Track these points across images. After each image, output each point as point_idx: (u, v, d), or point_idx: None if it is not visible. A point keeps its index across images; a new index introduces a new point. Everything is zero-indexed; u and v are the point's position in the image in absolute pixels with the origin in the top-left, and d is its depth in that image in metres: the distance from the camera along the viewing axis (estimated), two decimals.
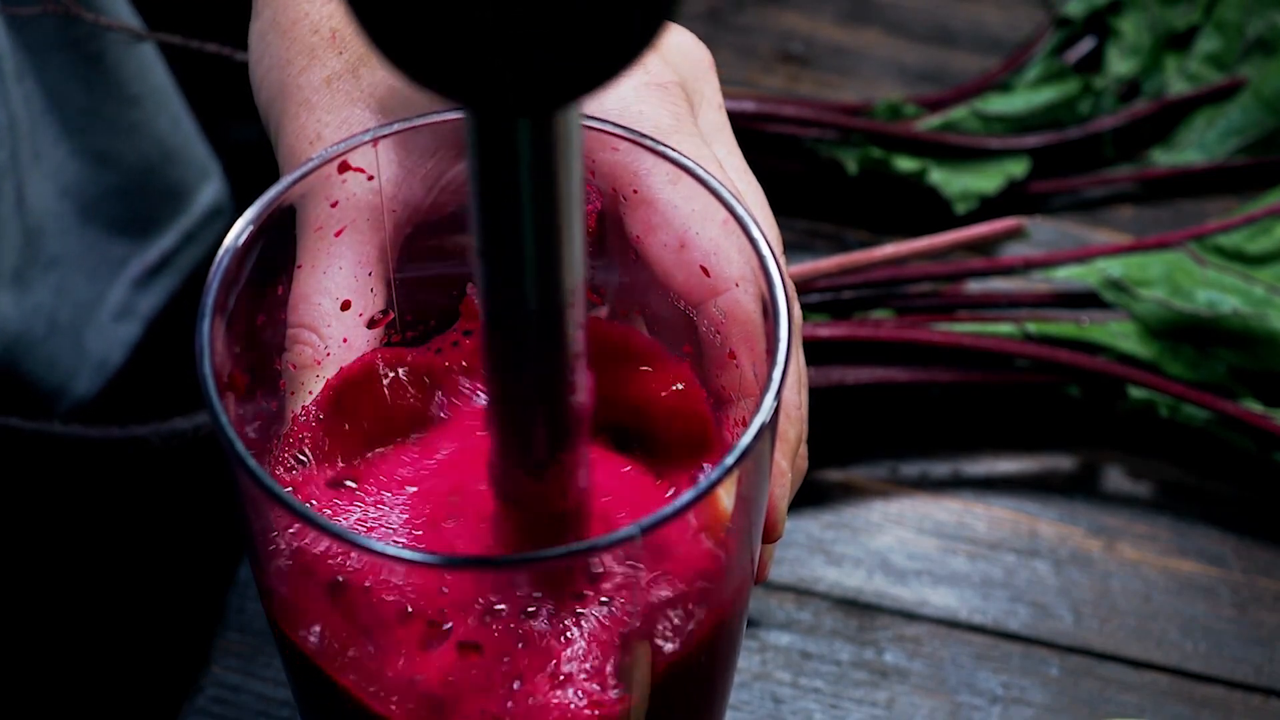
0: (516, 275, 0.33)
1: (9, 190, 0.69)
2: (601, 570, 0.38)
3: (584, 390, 0.36)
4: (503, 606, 0.38)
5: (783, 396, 0.44)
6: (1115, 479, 0.73)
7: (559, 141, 0.31)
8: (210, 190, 0.83)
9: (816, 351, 0.71)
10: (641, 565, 0.37)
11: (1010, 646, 0.67)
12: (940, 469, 0.73)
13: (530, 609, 0.38)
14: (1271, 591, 0.69)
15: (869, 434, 0.73)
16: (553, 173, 0.31)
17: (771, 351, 0.39)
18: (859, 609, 0.68)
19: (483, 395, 0.44)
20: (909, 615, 0.68)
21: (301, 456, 0.43)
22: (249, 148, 0.75)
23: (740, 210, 0.41)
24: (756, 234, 0.41)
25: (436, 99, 0.29)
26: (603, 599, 0.38)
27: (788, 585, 0.68)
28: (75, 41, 0.73)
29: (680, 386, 0.44)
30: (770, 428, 0.38)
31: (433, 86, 0.28)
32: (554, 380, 0.35)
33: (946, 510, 0.71)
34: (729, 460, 0.36)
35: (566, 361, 0.35)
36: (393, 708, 0.39)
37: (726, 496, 0.38)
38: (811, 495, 0.71)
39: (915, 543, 0.70)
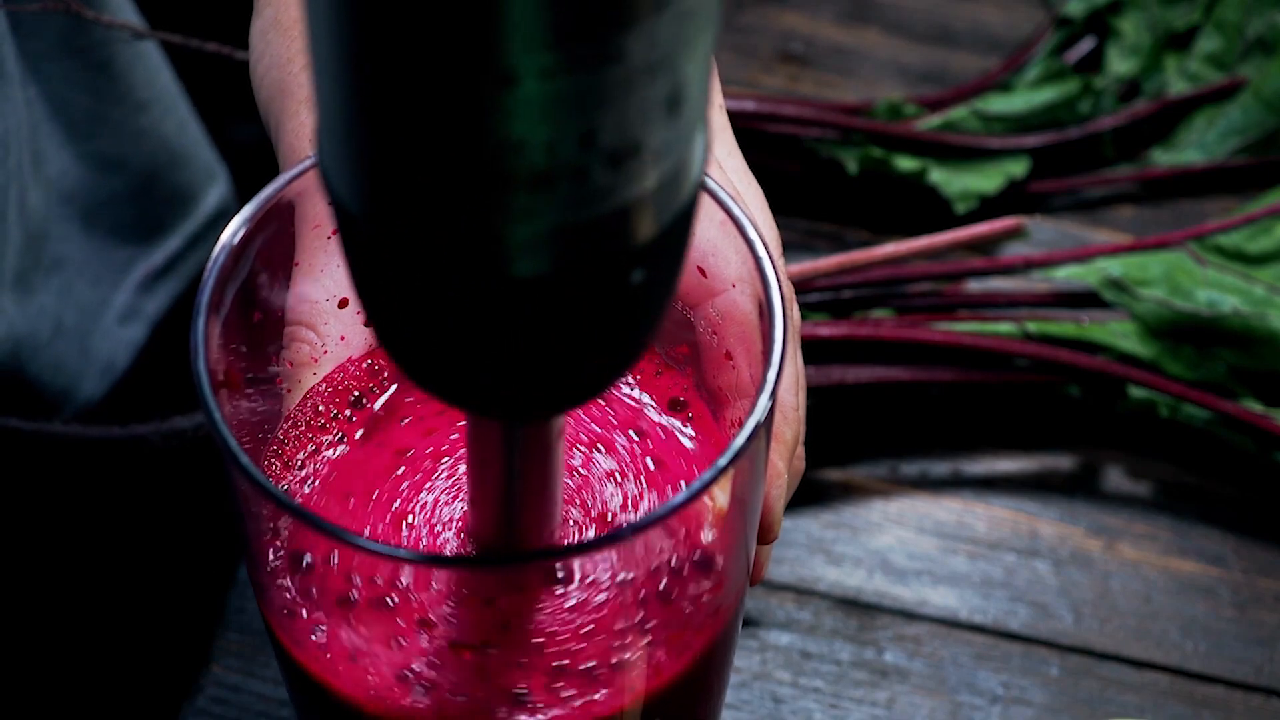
0: (504, 523, 0.37)
1: (12, 195, 0.69)
2: (594, 569, 0.38)
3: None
4: (495, 606, 0.38)
5: (779, 397, 0.44)
6: (1115, 479, 0.73)
7: (547, 435, 0.35)
8: (216, 193, 0.83)
9: (816, 351, 0.71)
10: (634, 564, 0.37)
11: (1010, 646, 0.67)
12: (940, 469, 0.73)
13: (523, 608, 0.38)
14: (1271, 591, 0.69)
15: (869, 434, 0.73)
16: (541, 454, 0.36)
17: (767, 352, 0.39)
18: (859, 609, 0.68)
19: None
20: (909, 615, 0.68)
21: (298, 453, 0.43)
22: (251, 147, 0.75)
23: (737, 211, 0.41)
24: (753, 235, 0.41)
25: (447, 404, 0.33)
26: (595, 598, 0.38)
27: (788, 585, 0.68)
28: (82, 48, 0.73)
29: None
30: (765, 428, 0.38)
31: (444, 399, 0.32)
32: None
33: (946, 510, 0.71)
34: (723, 460, 0.36)
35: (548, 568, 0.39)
36: (386, 707, 0.38)
37: (721, 496, 0.38)
38: (811, 495, 0.71)
39: (915, 542, 0.70)
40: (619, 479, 0.42)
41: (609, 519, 0.41)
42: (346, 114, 0.27)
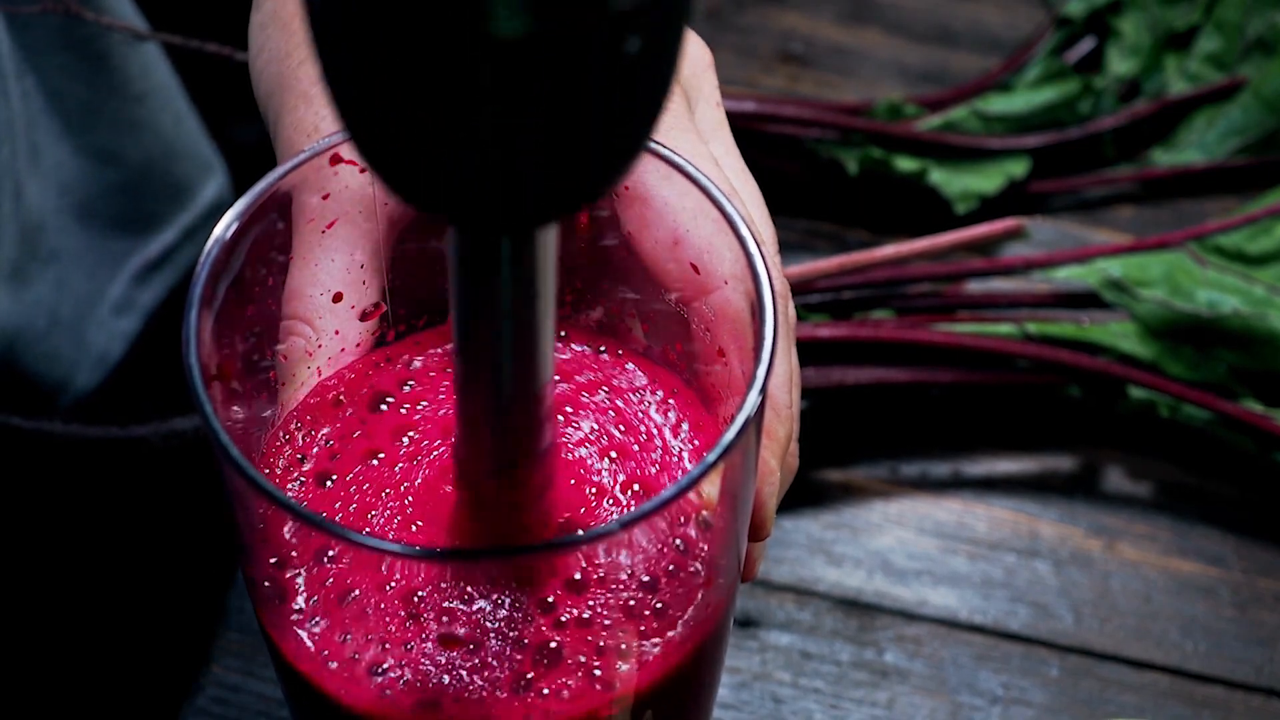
0: (492, 372, 0.35)
1: (8, 187, 0.69)
2: (583, 564, 0.38)
3: (552, 463, 0.38)
4: (484, 601, 0.38)
5: (772, 395, 0.44)
6: (1115, 479, 0.73)
7: (536, 255, 0.33)
8: (212, 186, 0.84)
9: (816, 351, 0.71)
10: (622, 560, 0.37)
11: (1010, 647, 0.67)
12: (940, 469, 0.73)
13: (513, 603, 0.38)
14: (1271, 591, 0.69)
15: (869, 434, 0.73)
16: (529, 282, 0.33)
17: (757, 348, 0.39)
18: (859, 609, 0.68)
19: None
20: (909, 615, 0.68)
21: (291, 449, 0.43)
22: (251, 147, 0.75)
23: (729, 208, 0.41)
24: (744, 231, 0.41)
25: (427, 213, 0.31)
26: (585, 594, 0.38)
27: (788, 585, 0.68)
28: (78, 41, 0.73)
29: None
30: (755, 423, 0.38)
31: (423, 206, 0.30)
32: (523, 468, 0.37)
33: (946, 510, 0.71)
34: (712, 455, 0.36)
35: (536, 450, 0.37)
36: (380, 705, 0.38)
37: (711, 491, 0.38)
38: (811, 495, 0.71)
39: (915, 543, 0.70)
40: (609, 474, 0.42)
41: (598, 513, 0.41)
42: None
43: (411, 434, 0.43)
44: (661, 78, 0.29)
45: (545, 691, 0.38)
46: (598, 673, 0.38)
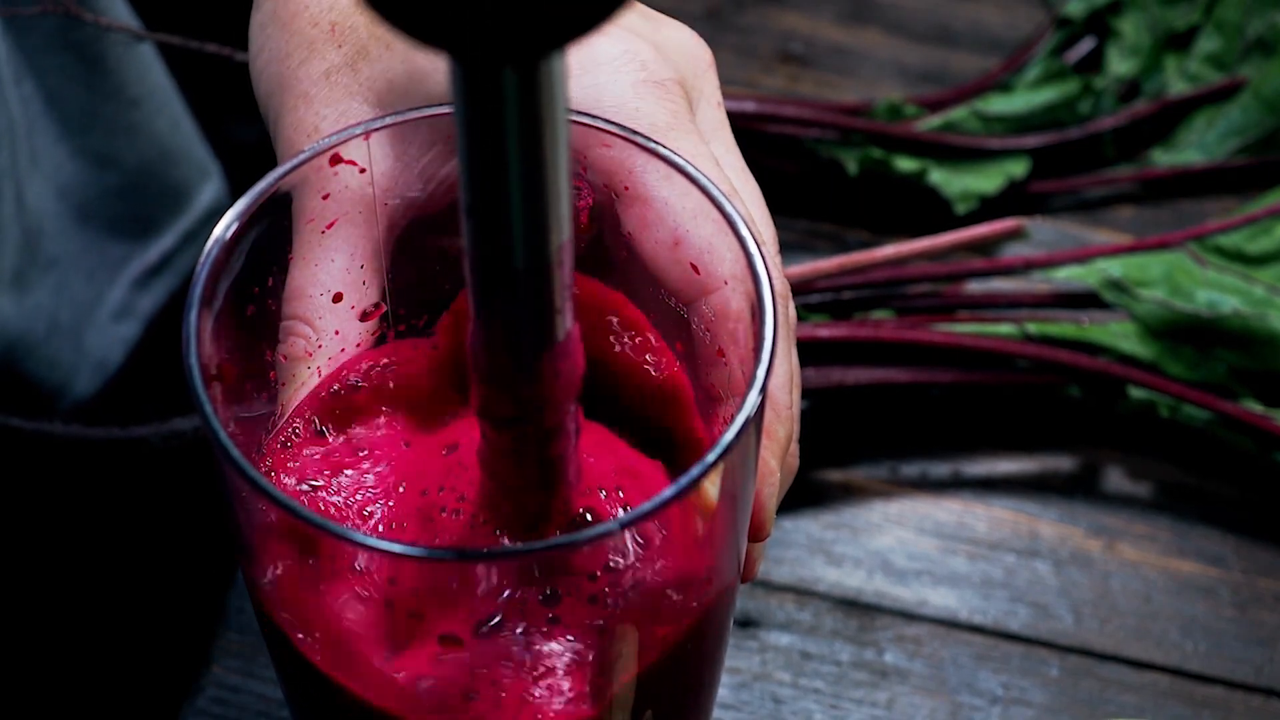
0: (504, 231, 0.33)
1: (8, 192, 0.69)
2: (584, 564, 0.38)
3: (572, 355, 0.36)
4: (484, 601, 0.38)
5: (772, 395, 0.44)
6: (1115, 479, 0.73)
7: (544, 92, 0.31)
8: (210, 190, 0.84)
9: (816, 352, 0.71)
10: (622, 560, 0.37)
11: (1010, 647, 0.67)
12: (940, 469, 0.73)
13: (512, 603, 0.38)
14: (1271, 591, 0.69)
15: (869, 435, 0.73)
16: (538, 124, 0.31)
17: (757, 348, 0.39)
18: (859, 609, 0.68)
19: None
20: (909, 615, 0.68)
21: (290, 448, 0.43)
22: (249, 148, 0.75)
23: (729, 208, 0.41)
24: (744, 231, 0.41)
25: (422, 47, 0.29)
26: (584, 594, 0.38)
27: (788, 585, 0.68)
28: (75, 44, 0.73)
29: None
30: (755, 423, 0.38)
31: (418, 35, 0.29)
32: (540, 349, 0.35)
33: (946, 510, 0.71)
34: (712, 455, 0.36)
35: (553, 320, 0.35)
36: (376, 702, 0.39)
37: (711, 491, 0.38)
38: (811, 495, 0.71)
39: (915, 543, 0.70)
40: (609, 473, 0.42)
41: (599, 513, 0.41)
42: None
43: (416, 432, 0.44)
44: None
45: (546, 691, 0.38)
46: (597, 673, 0.38)
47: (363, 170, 0.44)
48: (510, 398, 0.36)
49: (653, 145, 0.43)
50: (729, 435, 0.36)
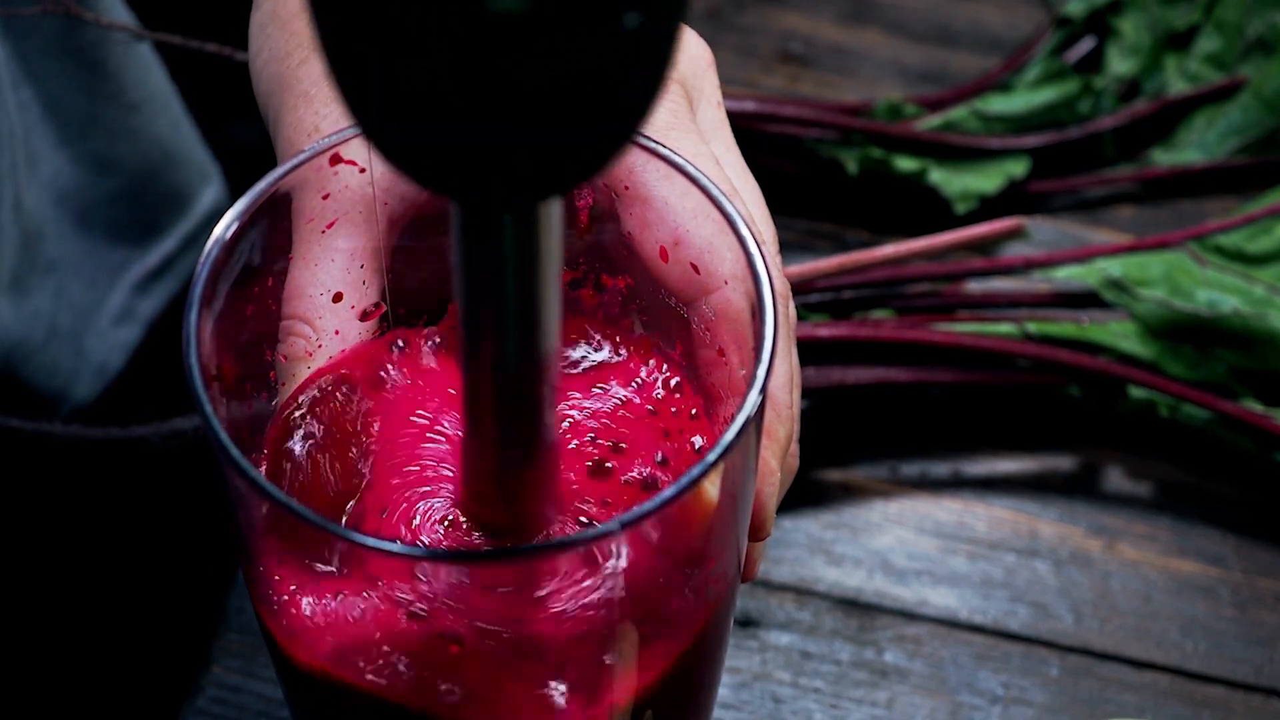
0: (497, 344, 0.35)
1: (7, 196, 0.69)
2: (584, 563, 0.38)
3: (554, 438, 0.38)
4: (484, 600, 0.38)
5: (773, 395, 0.44)
6: (1115, 479, 0.73)
7: (539, 230, 0.32)
8: (211, 194, 0.84)
9: (816, 351, 0.71)
10: (623, 560, 0.37)
11: (1010, 646, 0.67)
12: (940, 469, 0.73)
13: (514, 603, 0.38)
14: (1271, 591, 0.69)
15: (869, 434, 0.73)
16: (533, 257, 0.33)
17: (757, 348, 0.39)
18: (859, 609, 0.68)
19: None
20: (909, 615, 0.68)
21: (290, 448, 0.43)
22: (249, 150, 0.75)
23: (729, 208, 0.41)
24: (744, 231, 0.41)
25: (430, 191, 0.31)
26: (585, 595, 0.38)
27: (788, 585, 0.68)
28: (76, 49, 0.73)
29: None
30: (755, 423, 0.38)
31: (427, 183, 0.30)
32: (527, 432, 0.37)
33: (946, 510, 0.71)
34: (712, 455, 0.36)
35: (540, 415, 0.36)
36: (380, 702, 0.39)
37: (711, 490, 0.38)
38: (811, 495, 0.71)
39: (915, 543, 0.70)
40: (609, 473, 0.42)
41: (599, 512, 0.41)
42: None
43: (416, 431, 0.43)
44: (660, 53, 0.29)
45: (545, 690, 0.38)
46: (597, 673, 0.38)
47: (363, 170, 0.44)
48: (494, 481, 0.38)
49: (653, 145, 0.43)
50: (729, 435, 0.36)
